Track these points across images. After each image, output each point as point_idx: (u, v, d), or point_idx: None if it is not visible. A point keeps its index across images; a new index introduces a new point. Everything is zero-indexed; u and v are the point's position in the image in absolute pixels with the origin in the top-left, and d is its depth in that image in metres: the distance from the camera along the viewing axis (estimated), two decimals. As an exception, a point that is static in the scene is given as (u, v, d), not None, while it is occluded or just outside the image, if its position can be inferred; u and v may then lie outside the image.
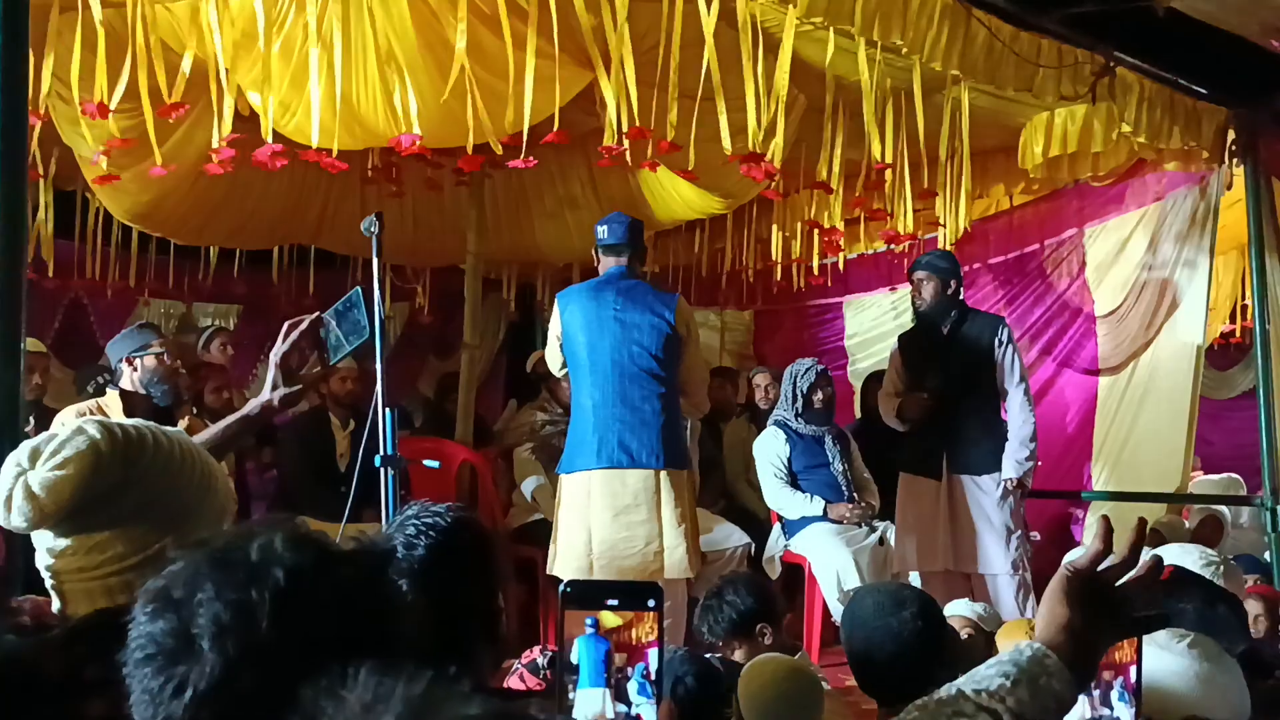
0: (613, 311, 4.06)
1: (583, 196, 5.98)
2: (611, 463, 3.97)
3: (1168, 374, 5.51)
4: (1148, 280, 5.64)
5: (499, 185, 5.96)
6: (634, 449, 3.95)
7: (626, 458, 3.96)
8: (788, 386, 5.20)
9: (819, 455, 5.09)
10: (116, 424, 1.47)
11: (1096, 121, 4.74)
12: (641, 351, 4.01)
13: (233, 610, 0.95)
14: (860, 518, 4.96)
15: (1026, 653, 1.20)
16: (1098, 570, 1.27)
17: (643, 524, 3.95)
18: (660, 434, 3.98)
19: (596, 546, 3.98)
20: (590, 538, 3.99)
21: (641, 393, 4.01)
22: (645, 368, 4.01)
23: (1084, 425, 6.01)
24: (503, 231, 6.24)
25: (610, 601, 1.13)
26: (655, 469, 3.95)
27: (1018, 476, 4.50)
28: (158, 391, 3.92)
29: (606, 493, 3.97)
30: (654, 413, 3.98)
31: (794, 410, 5.13)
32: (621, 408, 4.00)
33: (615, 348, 4.01)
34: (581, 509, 4.01)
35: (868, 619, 2.35)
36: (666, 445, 3.98)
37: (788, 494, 5.04)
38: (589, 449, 4.01)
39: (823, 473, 5.07)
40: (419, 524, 1.59)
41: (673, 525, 3.94)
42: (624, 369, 4.00)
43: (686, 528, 3.96)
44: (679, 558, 3.93)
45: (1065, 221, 6.16)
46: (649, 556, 3.94)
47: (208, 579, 0.97)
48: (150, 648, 0.96)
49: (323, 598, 0.97)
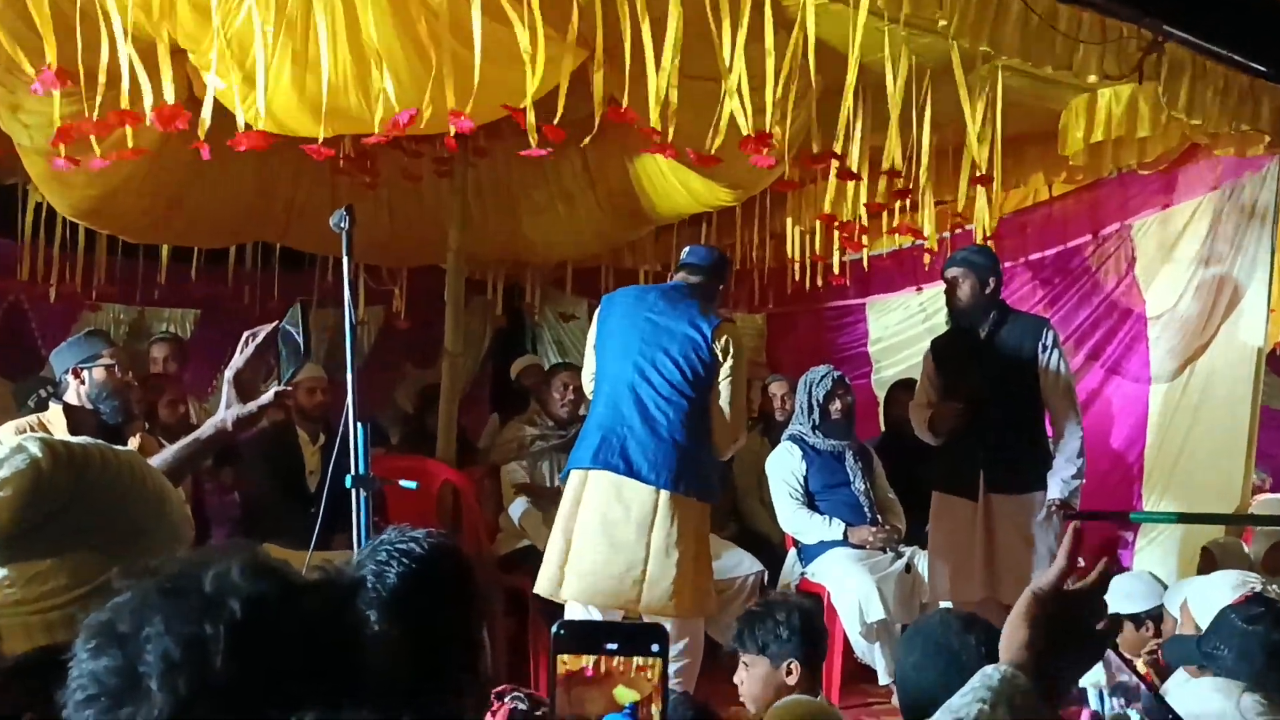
0: (648, 312, 4.09)
1: (577, 188, 6.00)
2: (607, 465, 3.95)
3: (1226, 381, 5.51)
4: (1203, 278, 5.64)
5: (484, 176, 5.97)
6: (636, 459, 3.94)
7: (624, 465, 3.93)
8: (803, 397, 5.21)
9: (838, 473, 5.10)
10: (60, 441, 1.47)
11: (1143, 103, 4.74)
12: (667, 360, 4.01)
13: (184, 646, 0.95)
14: (885, 542, 4.96)
15: (996, 676, 1.31)
16: (1063, 590, 1.38)
17: (628, 545, 3.91)
18: (671, 453, 3.95)
19: (573, 558, 3.96)
20: (568, 548, 3.98)
21: (659, 404, 4.00)
22: (669, 377, 4.01)
23: (1134, 439, 6.01)
24: (488, 227, 6.25)
25: (609, 645, 1.11)
26: (656, 487, 3.93)
27: (1063, 497, 4.49)
28: (107, 407, 3.92)
29: (597, 499, 3.96)
30: (668, 427, 3.96)
31: (810, 423, 5.14)
32: (633, 413, 4.00)
33: (641, 348, 4.04)
34: (567, 514, 4.01)
35: (930, 636, 2.38)
36: (677, 466, 3.94)
37: (804, 516, 5.04)
38: (588, 446, 4.02)
39: (843, 492, 5.07)
40: (392, 550, 1.60)
41: (661, 554, 3.91)
42: (645, 372, 4.01)
43: (680, 561, 3.90)
44: (661, 593, 3.89)
45: (1111, 213, 6.17)
46: (626, 584, 3.90)
47: (157, 611, 0.97)
48: (92, 688, 0.97)
49: (283, 632, 0.97)
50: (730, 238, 6.72)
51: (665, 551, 3.89)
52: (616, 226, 6.34)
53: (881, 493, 5.21)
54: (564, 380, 5.59)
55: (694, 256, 4.33)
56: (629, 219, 6.14)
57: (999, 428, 4.57)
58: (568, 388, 5.53)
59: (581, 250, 6.88)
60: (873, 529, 4.97)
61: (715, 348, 4.01)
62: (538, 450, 5.47)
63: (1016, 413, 4.59)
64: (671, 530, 3.90)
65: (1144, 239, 6.01)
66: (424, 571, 1.57)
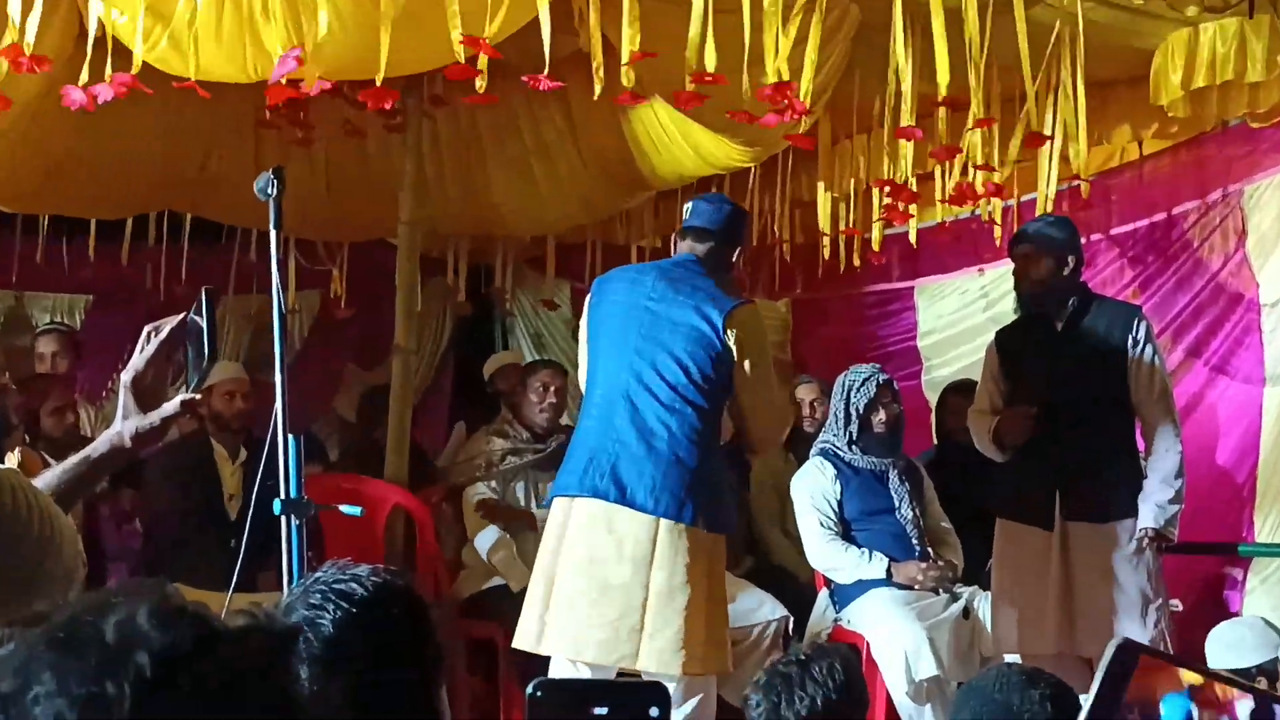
0: (647, 299, 4.06)
1: (558, 144, 6.00)
2: (595, 491, 3.93)
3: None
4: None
5: (444, 130, 5.98)
6: (629, 482, 3.91)
7: (616, 490, 3.91)
8: (839, 403, 5.21)
9: (881, 497, 5.11)
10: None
11: (1255, 40, 4.75)
12: (669, 360, 3.98)
13: (80, 708, 0.95)
14: (938, 581, 4.97)
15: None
16: None
17: (622, 588, 3.88)
18: (673, 473, 3.92)
19: (556, 605, 3.94)
20: (551, 591, 3.96)
21: (659, 414, 3.98)
22: (671, 380, 3.98)
23: (1244, 453, 6.02)
24: (449, 192, 6.27)
25: (597, 709, 1.11)
26: (654, 515, 3.90)
27: (1158, 526, 4.49)
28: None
29: (584, 533, 3.94)
30: (667, 442, 3.94)
31: (847, 435, 5.14)
32: (628, 426, 3.98)
33: (639, 345, 4.01)
34: (550, 550, 4.00)
35: (986, 694, 2.40)
36: (681, 489, 3.92)
37: (838, 549, 5.05)
38: (574, 467, 4.01)
39: (886, 520, 5.08)
40: (328, 592, 1.60)
41: (663, 599, 3.87)
42: (643, 376, 3.98)
43: (687, 606, 3.87)
44: (663, 646, 3.85)
45: (1216, 176, 6.18)
46: (620, 634, 3.87)
47: (47, 667, 0.97)
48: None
49: (201, 691, 0.98)
50: (746, 206, 6.73)
51: (668, 596, 3.85)
52: (606, 192, 6.35)
53: (934, 521, 5.22)
54: (543, 381, 5.58)
55: (699, 216, 4.23)
56: (621, 183, 6.16)
57: (1079, 440, 4.58)
58: (547, 390, 5.53)
59: (563, 220, 6.89)
60: (923, 565, 4.98)
61: (728, 341, 3.99)
62: (510, 468, 5.46)
63: (1100, 422, 4.60)
64: (676, 569, 3.87)
65: (1257, 208, 6.02)
66: (367, 618, 1.57)
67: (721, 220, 4.22)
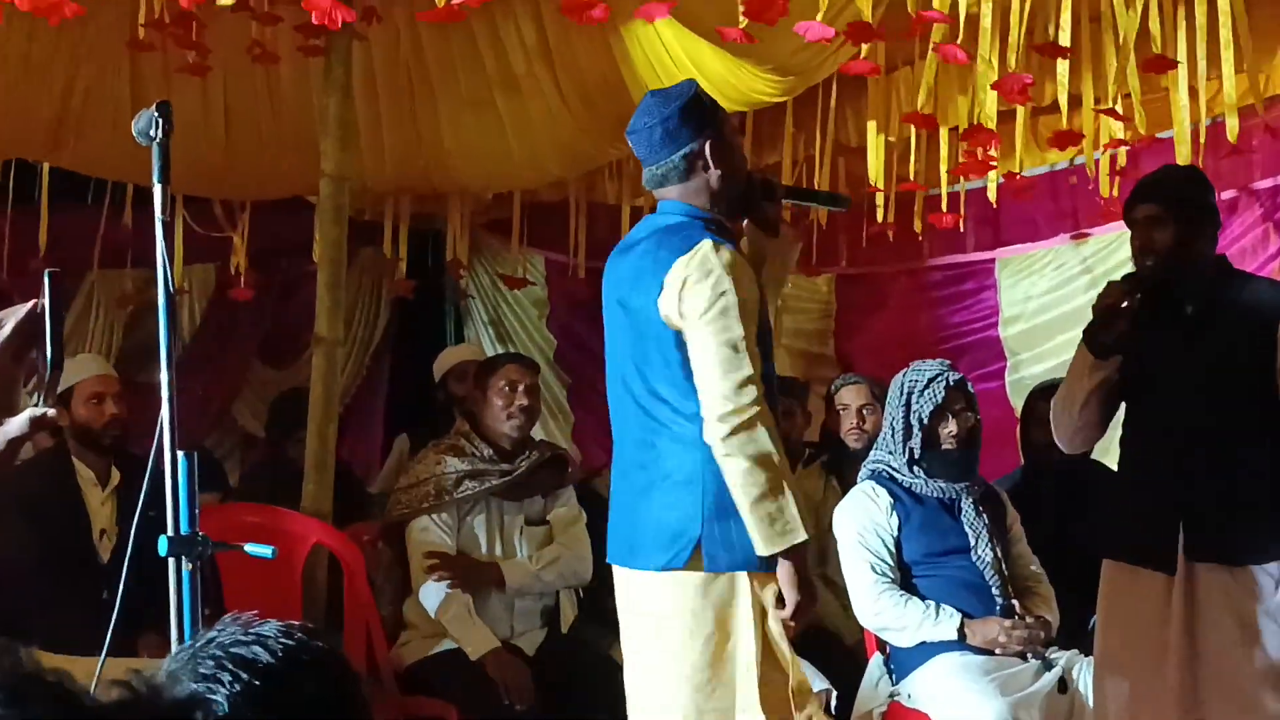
0: (617, 290, 4.05)
1: (528, 74, 6.03)
2: (613, 556, 4.05)
3: None
4: None
5: (380, 55, 6.01)
6: (632, 537, 3.98)
7: (625, 550, 4.00)
8: (897, 412, 5.23)
9: (952, 534, 5.13)
10: None
11: None
12: (650, 364, 3.93)
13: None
14: (1026, 643, 5.00)
15: None
16: None
17: (650, 671, 3.97)
18: (661, 510, 3.92)
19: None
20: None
21: (638, 437, 4.00)
22: (636, 392, 3.99)
23: None
24: (386, 138, 6.29)
25: None
26: (654, 570, 3.91)
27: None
28: None
29: (620, 610, 4.06)
30: (662, 465, 3.95)
31: (907, 453, 5.16)
32: (621, 461, 4.06)
33: (627, 351, 4.02)
34: None
35: None
36: (675, 529, 3.91)
37: (897, 602, 5.07)
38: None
39: (958, 563, 5.10)
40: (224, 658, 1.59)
41: (684, 681, 3.91)
42: (633, 391, 4.00)
43: (714, 682, 3.89)
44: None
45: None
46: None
47: None
48: None
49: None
50: (776, 154, 6.74)
51: (689, 678, 3.88)
52: (591, 135, 6.38)
53: (1020, 565, 5.24)
54: (508, 379, 5.54)
55: (640, 146, 4.05)
56: (610, 123, 6.16)
57: (1214, 459, 4.58)
58: (514, 390, 5.49)
59: (535, 174, 6.95)
60: (1006, 623, 5.00)
61: (667, 300, 3.83)
62: (467, 495, 5.46)
63: (1243, 435, 4.60)
64: (698, 635, 3.87)
65: None
66: (275, 694, 1.56)
67: (664, 139, 3.97)
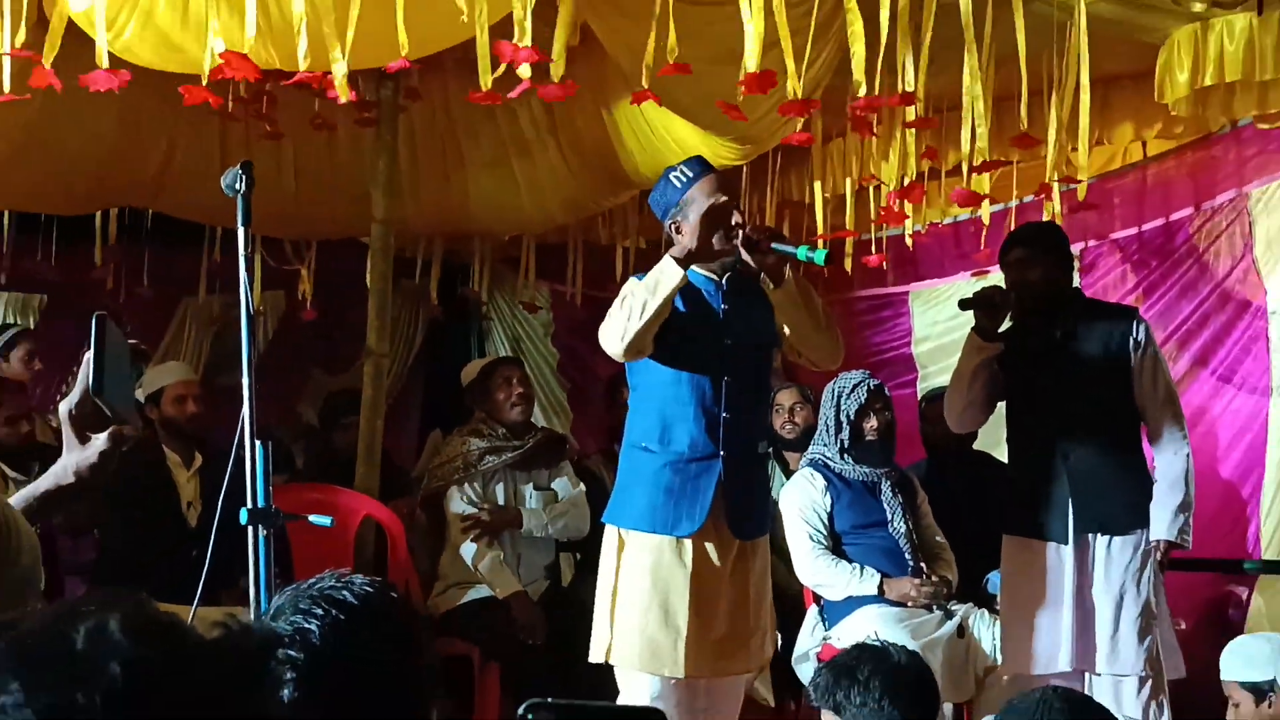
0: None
1: (537, 140, 6.03)
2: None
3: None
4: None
5: (419, 124, 5.99)
6: None
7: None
8: (829, 411, 5.23)
9: (873, 509, 5.13)
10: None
11: (1265, 38, 4.79)
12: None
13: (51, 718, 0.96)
14: (932, 598, 5.00)
15: None
16: None
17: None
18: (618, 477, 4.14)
19: None
20: None
21: None
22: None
23: (1250, 466, 6.07)
24: (423, 189, 6.28)
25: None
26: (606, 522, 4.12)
27: (1171, 538, 4.48)
28: None
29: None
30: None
31: (838, 444, 5.16)
32: None
33: None
34: None
35: (1027, 715, 2.42)
36: (616, 490, 4.12)
37: (829, 565, 5.07)
38: None
39: (878, 534, 5.10)
40: (319, 598, 1.59)
41: (601, 597, 4.04)
42: None
43: (606, 603, 4.02)
44: (598, 637, 4.01)
45: (1222, 180, 6.23)
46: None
47: (15, 677, 0.98)
48: None
49: (176, 703, 0.98)
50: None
51: (601, 595, 4.04)
52: (587, 189, 6.37)
53: (927, 535, 5.24)
54: (504, 375, 5.68)
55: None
56: (603, 180, 6.18)
57: (1088, 450, 4.57)
58: (511, 383, 5.60)
59: (543, 219, 6.91)
60: (916, 581, 5.00)
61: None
62: (489, 467, 5.48)
63: (1108, 430, 4.60)
64: (605, 568, 4.02)
65: (1265, 212, 6.07)
66: (358, 627, 1.56)
67: (659, 215, 4.12)
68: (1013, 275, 4.69)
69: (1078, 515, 4.54)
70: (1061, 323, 4.65)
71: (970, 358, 4.71)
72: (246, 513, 2.90)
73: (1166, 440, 4.57)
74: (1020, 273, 4.66)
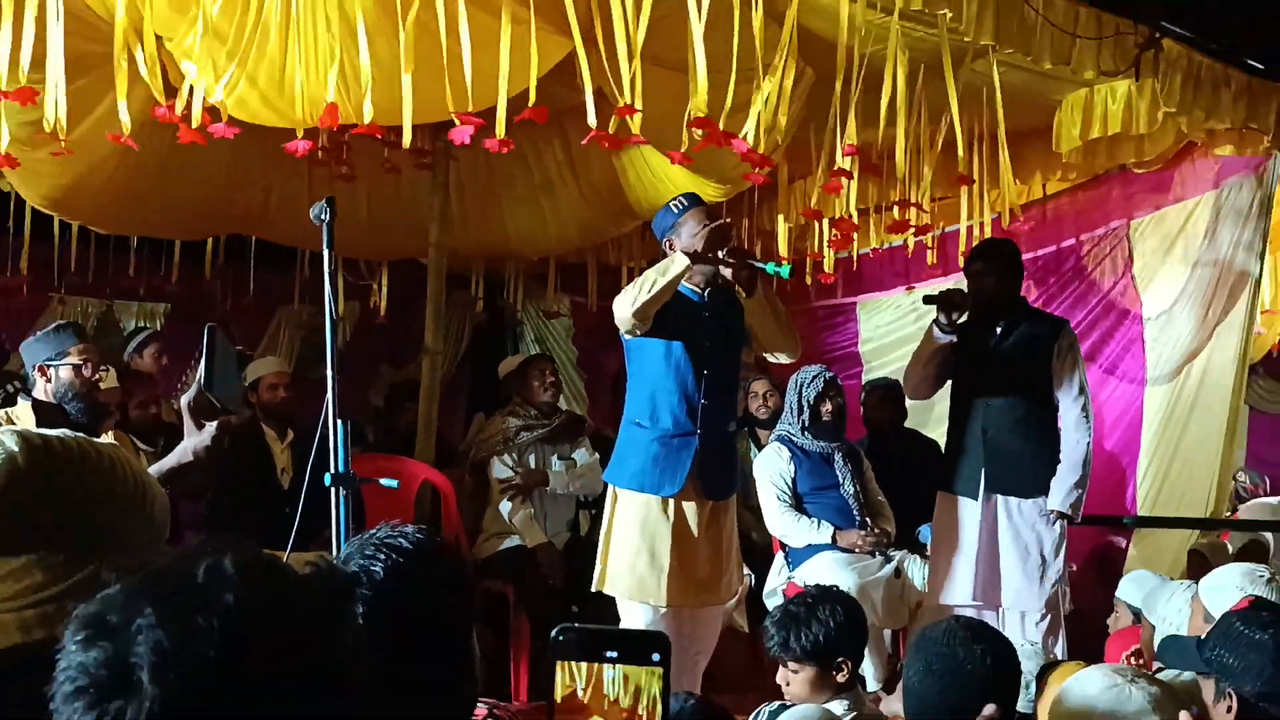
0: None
1: (560, 180, 6.02)
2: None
3: (1220, 383, 5.57)
4: (1200, 279, 5.69)
5: (465, 168, 5.99)
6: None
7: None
8: (792, 397, 5.23)
9: (827, 475, 5.13)
10: (39, 435, 1.47)
11: (1140, 100, 4.79)
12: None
13: (177, 638, 0.96)
14: (874, 546, 4.99)
15: None
16: None
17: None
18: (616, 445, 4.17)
19: None
20: None
21: None
22: None
23: (1129, 441, 6.07)
24: (469, 220, 6.27)
25: (609, 653, 1.11)
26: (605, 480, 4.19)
27: (1063, 509, 4.49)
28: (73, 408, 3.88)
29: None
30: None
31: (800, 424, 5.16)
32: None
33: None
34: None
35: (936, 642, 2.41)
36: (615, 456, 4.15)
37: (792, 519, 5.06)
38: None
39: (831, 495, 5.10)
40: (381, 545, 1.59)
41: (601, 539, 4.10)
42: None
43: (603, 544, 4.09)
44: (598, 571, 4.07)
45: (1107, 212, 6.22)
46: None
47: (148, 603, 0.98)
48: (81, 679, 0.97)
49: (279, 626, 0.99)
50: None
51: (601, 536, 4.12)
52: (600, 220, 6.36)
53: (871, 495, 5.24)
54: (540, 368, 5.67)
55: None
56: (613, 212, 6.16)
57: (1005, 429, 4.57)
58: (545, 374, 5.60)
59: (564, 244, 6.90)
60: (861, 533, 5.00)
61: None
62: (524, 441, 5.48)
63: (1024, 411, 4.58)
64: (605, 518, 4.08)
65: (1141, 239, 6.07)
66: (414, 566, 1.57)
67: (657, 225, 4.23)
68: (972, 283, 4.65)
69: (988, 478, 4.54)
70: (1003, 325, 4.62)
71: (927, 344, 4.72)
72: (330, 477, 2.90)
73: (1072, 430, 4.55)
74: (978, 281, 4.63)
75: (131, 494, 1.50)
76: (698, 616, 4.13)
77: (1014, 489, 4.54)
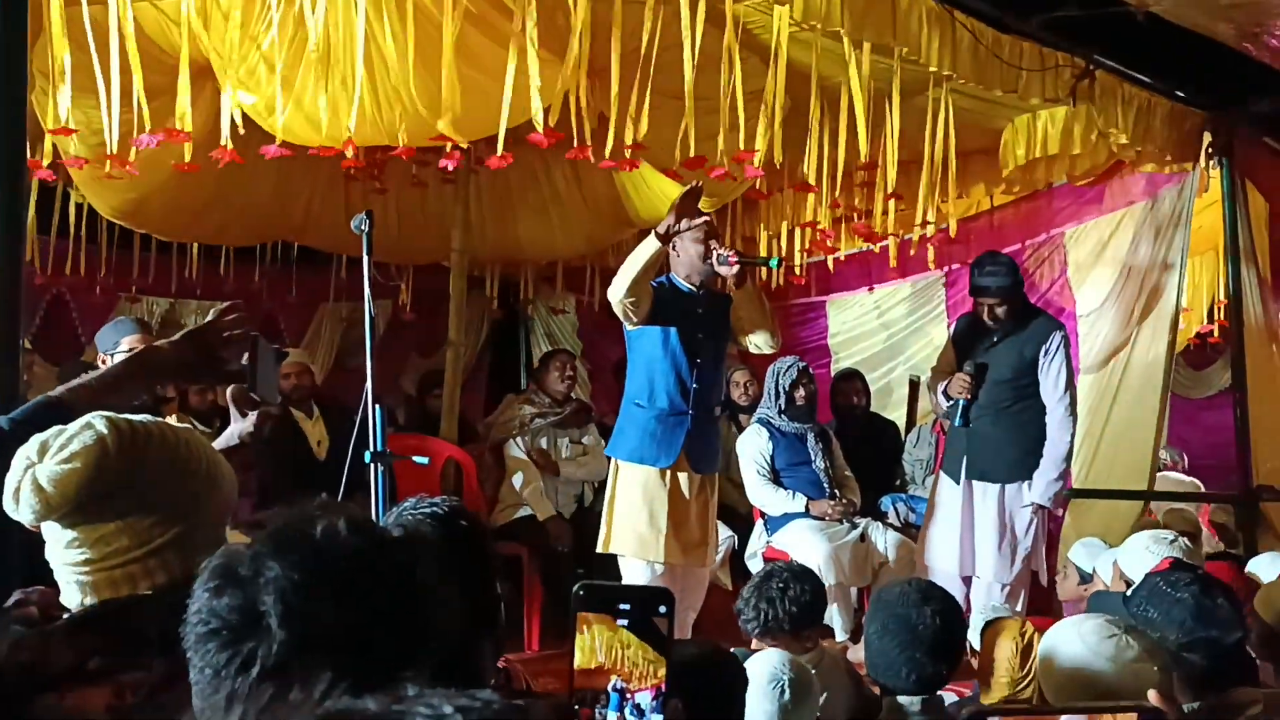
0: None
1: (567, 193, 6.02)
2: None
3: (1143, 373, 5.59)
4: (1127, 280, 5.71)
5: (484, 183, 5.99)
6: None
7: None
8: (770, 384, 5.25)
9: (801, 452, 5.15)
10: (123, 419, 1.50)
11: (1076, 124, 4.81)
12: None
13: (300, 585, 0.98)
14: (841, 514, 5.02)
15: None
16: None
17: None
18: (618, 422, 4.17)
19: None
20: None
21: None
22: None
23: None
24: (487, 229, 6.27)
25: (622, 605, 1.13)
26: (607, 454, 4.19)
27: (1041, 502, 4.46)
28: None
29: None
30: None
31: (777, 408, 5.18)
32: None
33: None
34: None
35: (890, 604, 2.43)
36: (616, 431, 4.15)
37: (770, 491, 5.09)
38: None
39: (805, 470, 5.12)
40: (415, 514, 1.62)
41: (605, 505, 4.11)
42: None
43: (607, 510, 4.09)
44: (603, 533, 4.08)
45: (1046, 222, 6.24)
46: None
47: (272, 557, 1.01)
48: (214, 623, 1.00)
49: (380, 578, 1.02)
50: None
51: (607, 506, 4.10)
52: (602, 229, 6.37)
53: (839, 470, 5.27)
54: (561, 361, 5.69)
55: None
56: (614, 222, 6.17)
57: (989, 421, 4.52)
58: (564, 367, 5.62)
59: (571, 250, 6.91)
60: (831, 502, 5.02)
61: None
62: (538, 427, 5.49)
63: (1010, 409, 4.51)
64: (612, 490, 4.08)
65: (1075, 245, 6.09)
66: (445, 530, 1.59)
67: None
68: (984, 311, 4.55)
69: (968, 464, 4.56)
70: (1001, 328, 4.54)
71: (944, 377, 4.68)
72: (369, 454, 2.92)
73: (1055, 427, 4.49)
74: (990, 312, 4.52)
75: (202, 469, 1.53)
76: (688, 574, 4.16)
77: (988, 475, 4.55)
